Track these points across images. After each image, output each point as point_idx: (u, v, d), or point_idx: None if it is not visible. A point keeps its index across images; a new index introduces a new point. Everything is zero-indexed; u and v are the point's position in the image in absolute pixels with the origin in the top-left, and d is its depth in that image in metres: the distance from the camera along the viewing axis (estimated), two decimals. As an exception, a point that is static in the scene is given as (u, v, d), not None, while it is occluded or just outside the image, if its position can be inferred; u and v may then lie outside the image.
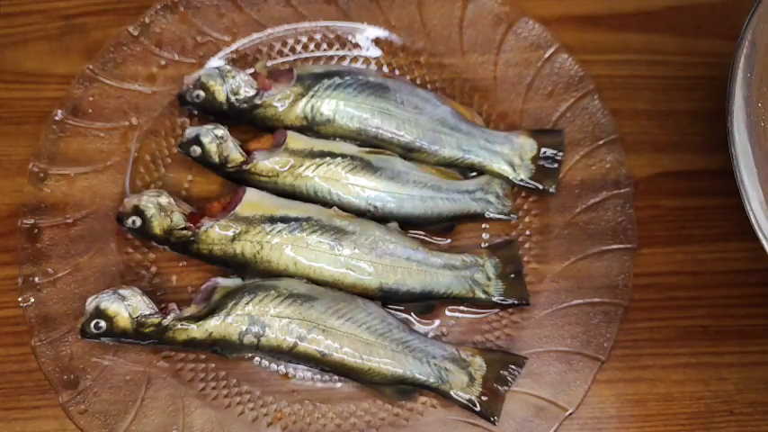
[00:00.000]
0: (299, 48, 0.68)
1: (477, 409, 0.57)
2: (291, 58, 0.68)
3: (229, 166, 0.61)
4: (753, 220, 0.46)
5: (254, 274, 0.58)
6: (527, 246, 0.63)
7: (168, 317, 0.56)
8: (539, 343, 0.60)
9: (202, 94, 0.62)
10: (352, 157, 0.61)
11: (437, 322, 0.61)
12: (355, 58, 0.68)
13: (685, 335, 0.62)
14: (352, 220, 0.59)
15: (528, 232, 0.63)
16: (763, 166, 0.47)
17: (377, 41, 0.68)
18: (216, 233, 0.58)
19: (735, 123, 0.48)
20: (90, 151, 0.63)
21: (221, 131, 0.61)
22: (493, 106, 0.67)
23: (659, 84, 0.69)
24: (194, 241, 0.58)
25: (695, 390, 0.60)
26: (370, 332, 0.57)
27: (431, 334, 0.60)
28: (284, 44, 0.68)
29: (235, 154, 0.61)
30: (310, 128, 0.62)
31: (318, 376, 0.59)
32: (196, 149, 0.60)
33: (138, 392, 0.57)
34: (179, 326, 0.55)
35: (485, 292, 0.60)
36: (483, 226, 0.64)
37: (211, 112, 0.63)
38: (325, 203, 0.60)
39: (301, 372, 0.59)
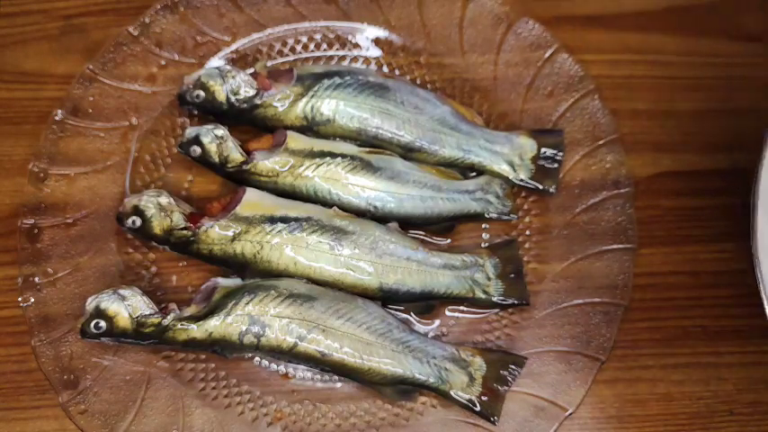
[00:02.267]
0: (299, 48, 0.68)
1: (477, 409, 0.57)
2: (291, 58, 0.68)
3: (229, 166, 0.61)
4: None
5: (254, 274, 0.58)
6: (527, 246, 0.63)
7: (168, 317, 0.56)
8: (539, 343, 0.60)
9: (202, 94, 0.62)
10: (352, 157, 0.61)
11: (437, 322, 0.61)
12: (355, 58, 0.68)
13: (685, 335, 0.62)
14: (352, 220, 0.59)
15: (528, 232, 0.63)
16: None
17: (377, 41, 0.68)
18: (216, 233, 0.58)
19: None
20: (90, 151, 0.63)
21: (221, 131, 0.61)
22: (493, 106, 0.67)
23: (659, 84, 0.69)
24: (194, 241, 0.58)
25: (695, 390, 0.60)
26: (370, 332, 0.57)
27: (431, 334, 0.60)
28: (284, 44, 0.68)
29: (235, 154, 0.61)
30: (310, 128, 0.62)
31: (318, 376, 0.59)
32: (196, 149, 0.60)
33: (138, 392, 0.57)
34: (179, 326, 0.55)
35: (485, 292, 0.60)
36: (483, 226, 0.64)
37: (211, 112, 0.63)
38: (326, 203, 0.60)
39: (301, 372, 0.59)
